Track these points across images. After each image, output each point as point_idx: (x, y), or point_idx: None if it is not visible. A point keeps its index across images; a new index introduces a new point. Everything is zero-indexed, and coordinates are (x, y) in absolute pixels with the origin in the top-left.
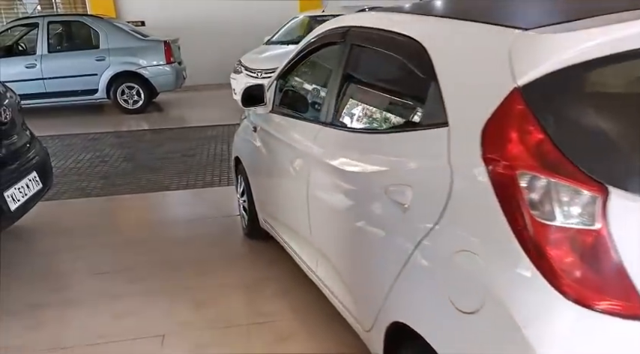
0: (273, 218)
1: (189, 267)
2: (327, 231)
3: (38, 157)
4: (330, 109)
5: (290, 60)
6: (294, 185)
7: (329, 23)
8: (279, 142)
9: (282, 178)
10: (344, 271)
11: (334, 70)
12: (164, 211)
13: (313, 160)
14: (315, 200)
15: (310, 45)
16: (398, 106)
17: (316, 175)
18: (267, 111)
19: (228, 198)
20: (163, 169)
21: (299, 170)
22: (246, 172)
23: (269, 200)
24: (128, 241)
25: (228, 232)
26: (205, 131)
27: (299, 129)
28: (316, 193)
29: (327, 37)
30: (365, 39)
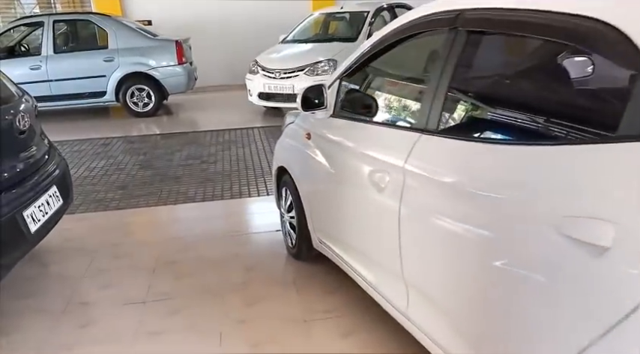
0: (336, 241)
1: (234, 295)
2: (432, 267)
3: (58, 170)
4: (436, 114)
5: (360, 56)
6: (376, 206)
7: (416, 11)
8: (348, 153)
9: (355, 196)
10: (467, 321)
11: (439, 64)
12: (192, 225)
13: (410, 176)
14: (411, 227)
15: (390, 37)
16: (574, 110)
17: (415, 195)
18: (328, 115)
19: (262, 211)
20: (184, 177)
21: (385, 188)
22: (296, 185)
23: (331, 220)
24: (158, 263)
25: (269, 251)
26: (222, 135)
27: (381, 137)
28: (414, 218)
29: (419, 25)
30: (497, 24)
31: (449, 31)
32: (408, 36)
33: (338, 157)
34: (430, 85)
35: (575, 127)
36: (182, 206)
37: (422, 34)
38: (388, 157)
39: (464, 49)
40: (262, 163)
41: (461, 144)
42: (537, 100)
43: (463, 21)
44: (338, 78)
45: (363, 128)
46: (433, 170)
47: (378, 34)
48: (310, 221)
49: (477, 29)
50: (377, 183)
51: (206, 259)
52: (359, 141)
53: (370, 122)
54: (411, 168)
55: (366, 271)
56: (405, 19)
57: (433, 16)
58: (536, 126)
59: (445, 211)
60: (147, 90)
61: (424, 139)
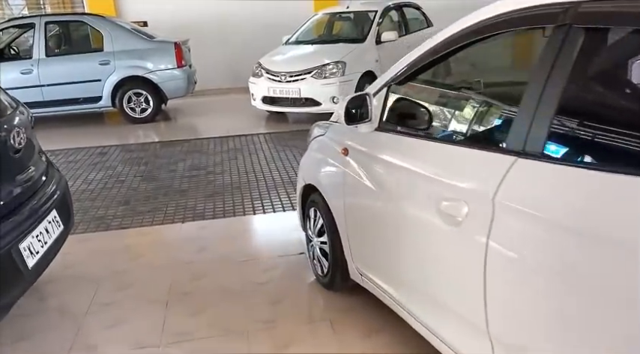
0: (383, 274)
1: (262, 335)
2: (540, 322)
3: (58, 191)
4: (540, 133)
5: (417, 59)
6: (447, 241)
7: (496, 7)
8: (402, 174)
9: (413, 226)
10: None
11: (542, 70)
12: (204, 247)
13: (503, 209)
14: (505, 270)
15: (463, 37)
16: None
17: (512, 232)
18: (372, 129)
19: (280, 230)
20: (190, 190)
21: (462, 221)
22: (330, 206)
23: (377, 250)
24: (171, 294)
25: (295, 279)
26: (226, 143)
27: (452, 159)
28: (510, 260)
29: (507, 22)
30: None
31: (556, 28)
32: (487, 35)
33: (388, 179)
34: (530, 95)
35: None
36: (191, 224)
37: (509, 32)
38: (466, 183)
39: (580, 50)
40: (273, 173)
41: (577, 172)
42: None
43: (577, 17)
44: (385, 85)
45: (423, 146)
46: (538, 203)
47: (443, 34)
48: (348, 249)
49: (601, 25)
50: (448, 214)
51: (225, 290)
52: (418, 161)
53: (433, 139)
54: (504, 200)
55: (426, 316)
56: (483, 15)
57: (528, 11)
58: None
59: (562, 254)
60: (145, 95)
61: (522, 164)
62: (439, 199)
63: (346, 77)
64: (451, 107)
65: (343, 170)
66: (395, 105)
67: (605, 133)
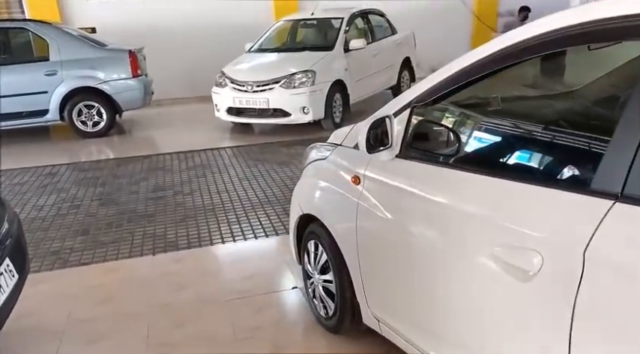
0: (415, 326)
1: None
2: None
3: (11, 236)
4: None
5: (454, 75)
6: (511, 296)
7: (564, 17)
8: (446, 212)
9: (460, 275)
10: None
11: None
12: (183, 284)
13: (595, 264)
14: (607, 336)
15: (519, 53)
16: None
17: (617, 295)
18: (393, 156)
19: (265, 260)
20: (158, 215)
21: (535, 276)
22: (337, 240)
23: (404, 296)
24: (150, 349)
25: (293, 321)
26: (191, 158)
27: (517, 198)
28: (616, 326)
29: (573, 37)
30: None
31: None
32: (557, 48)
33: (419, 215)
34: (628, 124)
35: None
36: (164, 256)
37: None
38: (540, 230)
39: None
40: (248, 193)
41: None
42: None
43: None
44: (409, 106)
45: (465, 178)
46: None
47: (500, 44)
48: (361, 290)
49: None
50: (512, 265)
51: (215, 339)
52: (462, 196)
53: (480, 170)
54: (601, 252)
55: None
56: (546, 27)
57: (607, 22)
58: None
59: None
60: (97, 107)
61: (623, 211)
62: (504, 248)
63: (316, 86)
64: (511, 135)
65: (356, 202)
66: (424, 129)
67: None
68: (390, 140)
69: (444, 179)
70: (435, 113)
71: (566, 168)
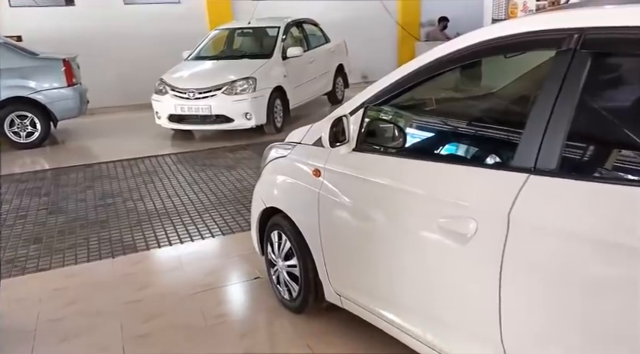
0: (371, 296)
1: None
2: (562, 330)
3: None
4: (552, 151)
5: (403, 78)
6: (453, 259)
7: (490, 31)
8: (398, 194)
9: (410, 246)
10: None
11: (549, 90)
12: (148, 284)
13: (518, 225)
14: (523, 285)
15: (455, 60)
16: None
17: (531, 248)
18: (350, 150)
19: (225, 256)
20: (111, 220)
21: (471, 238)
22: (300, 228)
23: (363, 271)
24: (125, 339)
25: (258, 307)
26: (136, 166)
27: (454, 178)
28: (534, 276)
29: (497, 48)
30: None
31: (561, 53)
32: (478, 59)
33: (375, 199)
34: (539, 114)
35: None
36: (123, 258)
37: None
38: (474, 200)
39: (590, 75)
40: (199, 196)
41: (597, 187)
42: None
43: (583, 42)
44: (363, 106)
45: (413, 165)
46: (559, 220)
47: (435, 54)
48: (324, 270)
49: (611, 51)
50: (453, 231)
51: (186, 328)
52: (411, 180)
53: (425, 157)
54: (520, 216)
55: (428, 334)
56: (480, 37)
57: (529, 35)
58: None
59: (584, 270)
60: (30, 117)
61: (536, 181)
62: (445, 219)
63: (258, 93)
64: (450, 127)
65: (317, 191)
66: (378, 125)
67: (609, 149)
68: (347, 136)
69: (393, 167)
70: (384, 112)
71: (492, 151)
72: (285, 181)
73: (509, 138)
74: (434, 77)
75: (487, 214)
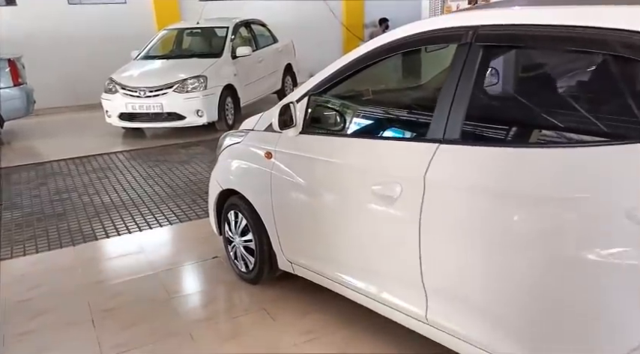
0: (319, 259)
1: (206, 332)
2: (465, 271)
3: None
4: (456, 123)
5: (340, 70)
6: (384, 218)
7: (413, 27)
8: (335, 168)
9: (349, 211)
10: (510, 312)
11: (454, 77)
12: (111, 266)
13: (432, 185)
14: (437, 235)
15: (385, 51)
16: (632, 112)
17: (441, 203)
18: (297, 133)
19: (184, 240)
20: (69, 213)
21: (397, 199)
22: (255, 206)
23: (312, 237)
24: (94, 313)
25: (218, 281)
26: (89, 163)
27: (382, 150)
28: (441, 226)
29: (415, 42)
30: (520, 38)
31: (460, 46)
32: (405, 50)
33: (321, 174)
34: (445, 97)
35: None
36: (84, 246)
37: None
38: (399, 169)
39: (482, 63)
40: (155, 189)
41: (486, 150)
42: (589, 106)
43: (477, 37)
44: (308, 94)
45: (351, 142)
46: (463, 177)
47: (366, 48)
48: (277, 242)
49: (496, 43)
50: (384, 195)
51: (152, 301)
52: (349, 155)
53: (361, 136)
54: (433, 177)
55: (366, 285)
56: (403, 33)
57: (436, 32)
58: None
59: (481, 216)
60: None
61: (444, 149)
62: (377, 185)
63: (209, 91)
64: (378, 109)
65: (269, 172)
66: (321, 110)
67: (496, 123)
68: (295, 121)
69: (334, 146)
70: (326, 99)
71: (412, 129)
72: (240, 164)
73: (426, 117)
74: (367, 67)
75: (408, 177)
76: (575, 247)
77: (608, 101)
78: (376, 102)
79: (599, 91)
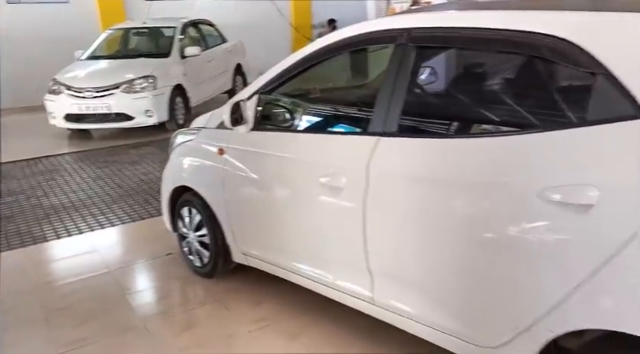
0: (272, 249)
1: (163, 324)
2: (406, 252)
3: None
4: (394, 117)
5: (286, 69)
6: (331, 207)
7: (352, 29)
8: (285, 162)
9: (299, 201)
10: (446, 288)
11: (390, 75)
12: (62, 267)
13: (375, 174)
14: (380, 220)
15: (327, 52)
16: (541, 105)
17: (383, 191)
18: (248, 130)
19: (137, 238)
20: (16, 216)
21: (343, 189)
22: (208, 202)
23: (264, 229)
24: (47, 312)
25: (173, 276)
26: (35, 165)
27: (328, 144)
28: (383, 212)
29: (356, 43)
30: (447, 39)
31: (397, 46)
32: (348, 50)
33: (272, 169)
34: (384, 93)
35: (547, 117)
36: (34, 248)
37: (355, 50)
38: (343, 160)
39: (416, 61)
40: (105, 189)
41: (420, 141)
42: (510, 101)
43: (411, 38)
44: (258, 92)
45: (299, 137)
46: (401, 166)
47: (312, 47)
48: (231, 235)
49: (428, 44)
50: (330, 186)
51: (106, 298)
52: (298, 150)
53: (307, 131)
54: (375, 167)
55: (315, 272)
56: (345, 34)
57: (373, 34)
58: (510, 120)
59: (418, 202)
60: None
61: (384, 141)
62: (324, 176)
63: (158, 91)
64: (323, 106)
65: (222, 168)
66: (271, 108)
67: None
68: (245, 118)
69: (284, 141)
70: (275, 97)
71: (356, 124)
72: (192, 161)
73: (368, 113)
74: (313, 66)
75: (353, 169)
76: (497, 226)
77: (523, 96)
78: (323, 99)
79: (516, 88)
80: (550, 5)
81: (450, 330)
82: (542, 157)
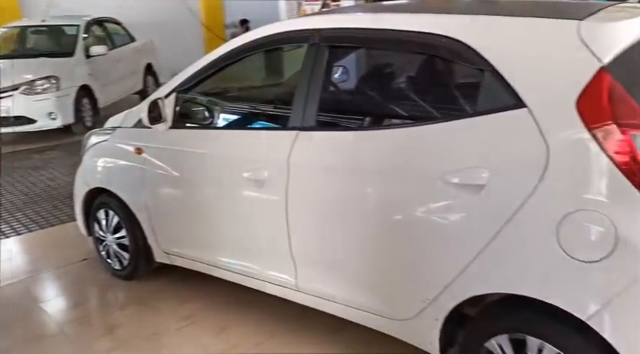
0: (195, 246)
1: (80, 329)
2: (327, 239)
3: None
4: (311, 113)
5: (204, 68)
6: (255, 199)
7: (267, 29)
8: (206, 159)
9: (221, 197)
10: (363, 269)
11: (305, 73)
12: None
13: (295, 167)
14: (301, 210)
15: (244, 51)
16: (440, 98)
17: (303, 182)
18: (167, 128)
19: (47, 246)
20: None
21: (265, 182)
22: (127, 202)
23: (188, 226)
24: None
25: (91, 281)
26: None
27: (247, 139)
28: (305, 202)
29: (271, 42)
30: (355, 39)
31: (310, 46)
32: (263, 49)
33: (193, 166)
34: (301, 90)
35: (443, 109)
36: None
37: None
38: (265, 154)
39: (329, 60)
40: (8, 197)
41: (335, 134)
42: (411, 95)
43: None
44: (175, 90)
45: (220, 134)
46: (319, 158)
47: (227, 47)
48: (152, 235)
49: (337, 44)
50: (253, 179)
51: (19, 308)
52: (220, 146)
53: (227, 128)
54: (295, 160)
55: (242, 264)
56: (260, 34)
57: (286, 34)
58: (414, 112)
59: (335, 191)
60: None
61: (303, 135)
62: (246, 171)
63: (62, 92)
64: (241, 103)
65: (141, 167)
66: (189, 106)
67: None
68: (164, 116)
69: (204, 138)
70: (193, 95)
71: (276, 120)
72: (108, 162)
73: (287, 110)
74: (229, 65)
75: (274, 162)
76: (406, 208)
77: (425, 91)
78: (242, 97)
79: (418, 84)
80: (448, 8)
81: (369, 307)
82: (442, 145)
